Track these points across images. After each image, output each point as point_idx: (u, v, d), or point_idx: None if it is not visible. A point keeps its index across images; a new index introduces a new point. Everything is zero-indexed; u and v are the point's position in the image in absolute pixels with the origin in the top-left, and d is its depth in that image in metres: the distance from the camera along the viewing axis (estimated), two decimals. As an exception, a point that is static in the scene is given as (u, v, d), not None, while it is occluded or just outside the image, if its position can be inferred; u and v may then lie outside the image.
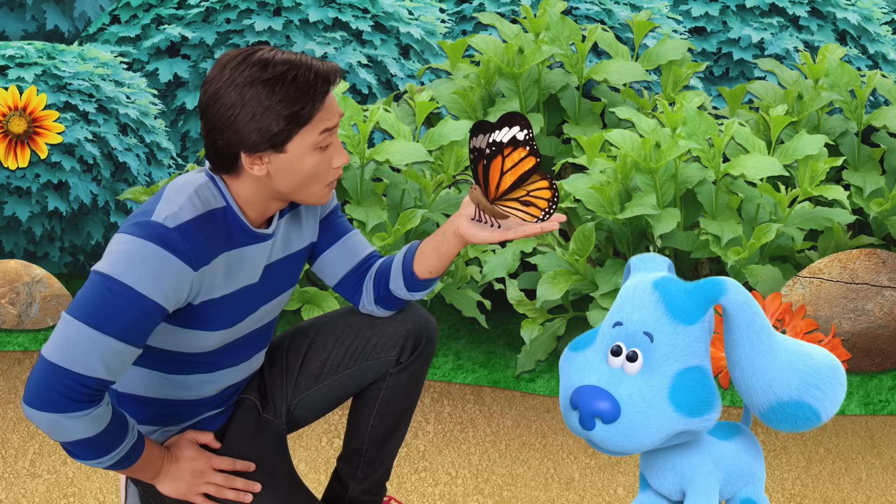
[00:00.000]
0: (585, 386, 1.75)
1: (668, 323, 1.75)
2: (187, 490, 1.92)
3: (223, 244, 1.82)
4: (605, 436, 1.73)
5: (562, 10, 3.90)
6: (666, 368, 1.74)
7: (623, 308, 1.79)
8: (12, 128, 3.61)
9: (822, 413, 1.75)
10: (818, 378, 1.75)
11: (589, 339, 1.83)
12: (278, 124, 1.75)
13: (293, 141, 1.77)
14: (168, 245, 1.73)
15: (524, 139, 1.85)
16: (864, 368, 3.27)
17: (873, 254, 3.33)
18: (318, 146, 1.78)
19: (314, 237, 2.03)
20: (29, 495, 2.61)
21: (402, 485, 2.69)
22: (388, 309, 2.07)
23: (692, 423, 1.75)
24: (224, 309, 1.86)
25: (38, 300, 3.51)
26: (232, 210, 1.83)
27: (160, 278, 1.73)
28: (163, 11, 4.23)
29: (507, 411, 3.08)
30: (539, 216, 1.87)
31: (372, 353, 2.08)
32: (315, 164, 1.79)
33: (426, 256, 1.98)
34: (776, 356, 1.74)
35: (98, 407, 1.74)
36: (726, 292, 1.74)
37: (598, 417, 1.72)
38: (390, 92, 4.20)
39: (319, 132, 1.78)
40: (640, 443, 1.74)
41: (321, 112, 1.77)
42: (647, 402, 1.73)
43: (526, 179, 1.87)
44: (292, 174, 1.79)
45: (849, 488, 2.72)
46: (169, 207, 1.76)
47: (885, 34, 4.93)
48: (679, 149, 3.22)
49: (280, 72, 1.74)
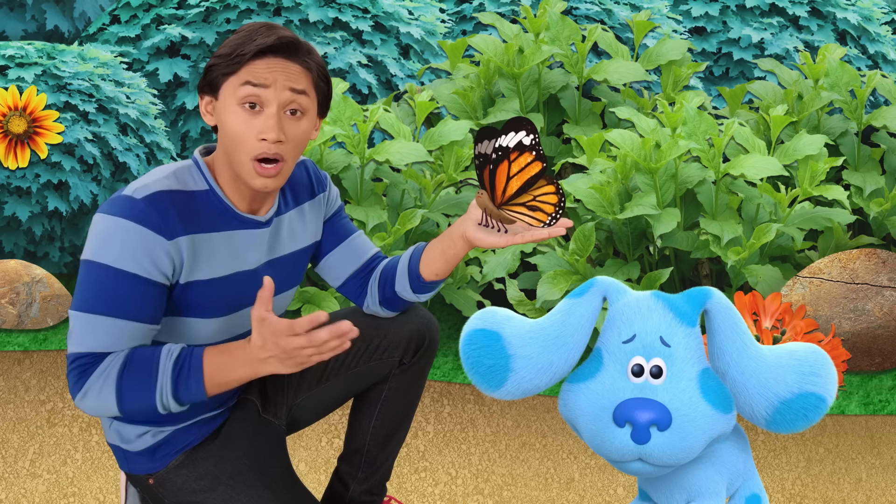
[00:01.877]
0: (629, 400, 1.72)
1: (678, 326, 1.77)
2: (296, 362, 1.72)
3: (205, 224, 1.82)
4: (661, 445, 1.71)
5: (562, 10, 3.90)
6: (689, 371, 1.75)
7: (632, 322, 1.78)
8: (12, 128, 3.61)
9: (827, 396, 1.77)
10: (810, 365, 1.76)
11: (593, 368, 1.79)
12: (215, 61, 1.81)
13: (223, 88, 1.80)
14: (134, 216, 1.75)
15: (530, 144, 1.86)
16: (864, 368, 3.27)
17: (873, 254, 3.33)
18: (242, 101, 1.79)
19: (318, 236, 2.03)
20: (29, 495, 2.61)
21: (402, 485, 2.69)
22: (392, 310, 2.07)
23: (725, 420, 1.76)
24: (214, 293, 1.85)
25: (38, 300, 3.51)
26: (215, 193, 1.84)
27: (133, 250, 1.74)
28: (163, 11, 4.23)
29: (507, 411, 3.08)
30: (546, 221, 1.88)
31: (375, 355, 2.08)
32: (237, 121, 1.80)
33: (433, 259, 1.98)
34: (764, 358, 1.76)
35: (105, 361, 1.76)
36: (712, 296, 1.77)
37: (653, 426, 1.71)
38: (390, 92, 4.20)
39: (241, 82, 1.79)
40: (692, 447, 1.73)
41: (251, 66, 1.79)
42: (687, 404, 1.73)
43: (532, 184, 1.87)
44: (223, 128, 1.81)
45: (849, 488, 2.72)
46: (142, 181, 1.80)
47: (885, 34, 4.93)
48: (679, 149, 3.22)
49: (249, 25, 1.83)
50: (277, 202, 1.92)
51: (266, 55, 1.79)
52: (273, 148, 1.80)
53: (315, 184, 2.02)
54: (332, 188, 2.06)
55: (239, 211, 1.86)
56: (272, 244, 1.92)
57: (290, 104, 1.81)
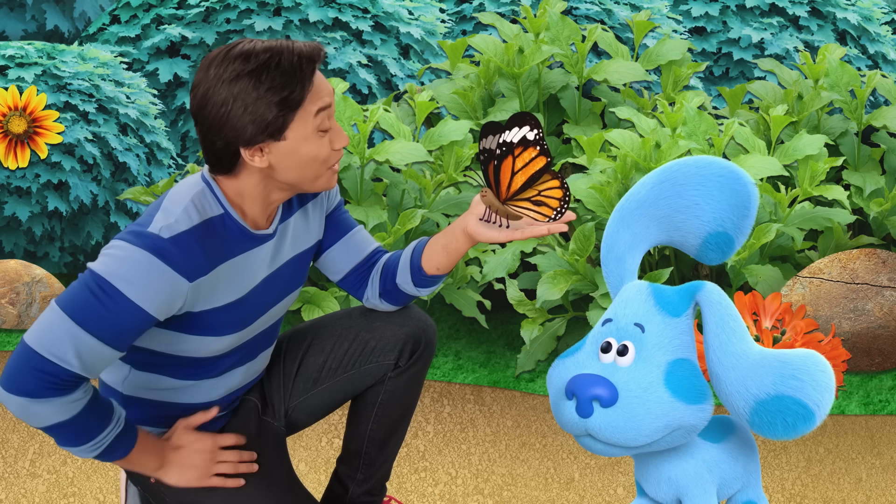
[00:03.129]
0: (580, 374, 1.76)
1: (657, 314, 1.79)
2: (199, 475, 1.90)
3: (223, 253, 1.81)
4: (603, 422, 1.73)
5: (562, 10, 3.90)
6: (658, 358, 1.77)
7: (615, 306, 1.83)
8: (12, 128, 3.61)
9: (810, 403, 1.69)
10: (792, 368, 1.71)
11: (576, 347, 1.85)
12: (272, 112, 1.74)
13: (291, 127, 1.76)
14: (163, 256, 1.72)
15: (534, 139, 1.85)
16: (864, 368, 3.27)
17: (873, 254, 3.33)
18: (318, 129, 1.78)
19: (320, 234, 2.02)
20: (29, 495, 2.61)
21: (402, 485, 2.69)
22: (392, 304, 2.06)
23: (689, 411, 1.75)
24: (233, 315, 1.85)
25: (38, 300, 3.51)
26: (230, 216, 1.81)
27: (151, 288, 1.72)
28: (163, 11, 4.23)
29: (507, 411, 3.08)
30: (551, 216, 1.88)
31: (370, 357, 2.07)
32: (315, 147, 1.78)
33: (435, 253, 1.98)
34: (746, 356, 1.74)
35: (69, 395, 1.73)
36: (703, 289, 1.79)
37: (595, 402, 1.72)
38: (390, 92, 4.20)
39: (315, 114, 1.77)
40: (640, 430, 1.73)
41: (311, 93, 1.76)
42: (643, 387, 1.74)
43: (537, 179, 1.87)
44: (295, 161, 1.78)
45: (849, 488, 2.72)
46: (166, 219, 1.76)
47: (885, 34, 4.93)
48: (679, 149, 3.22)
49: (263, 60, 1.74)
50: (281, 209, 1.91)
51: (313, 74, 1.78)
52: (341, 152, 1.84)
53: None
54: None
55: (251, 230, 1.85)
56: (276, 252, 1.92)
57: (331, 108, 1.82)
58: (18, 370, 1.71)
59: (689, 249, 1.92)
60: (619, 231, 1.88)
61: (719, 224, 1.87)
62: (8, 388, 1.72)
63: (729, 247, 1.89)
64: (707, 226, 1.87)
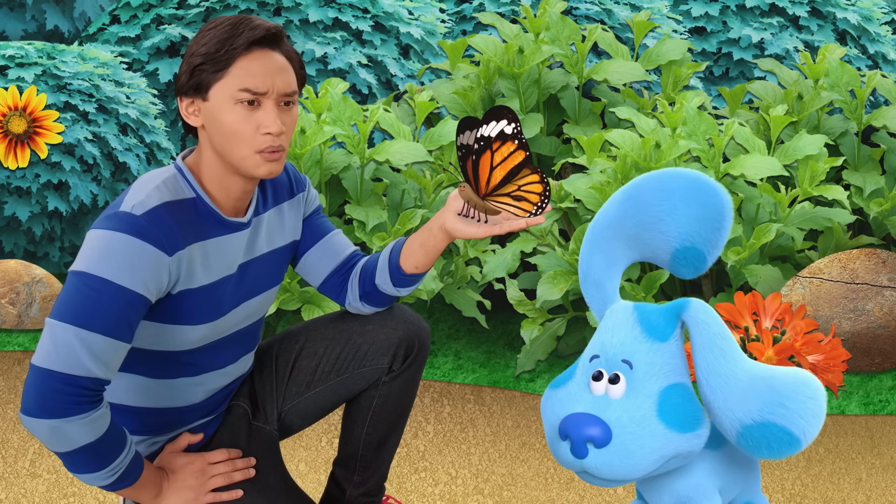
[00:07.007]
0: (573, 414, 1.72)
1: (644, 341, 1.75)
2: (196, 494, 1.91)
3: (197, 233, 1.81)
4: (599, 462, 1.70)
5: (562, 10, 3.90)
6: (650, 387, 1.73)
7: (601, 336, 1.78)
8: (12, 128, 3.61)
9: (796, 431, 1.66)
10: (780, 396, 1.67)
11: (567, 375, 1.81)
12: (197, 62, 1.78)
13: (214, 87, 1.78)
14: (139, 233, 1.73)
15: (512, 133, 1.82)
16: (864, 368, 3.27)
17: (873, 254, 3.33)
18: (238, 100, 1.78)
19: (297, 235, 2.02)
20: (29, 495, 2.61)
21: (402, 485, 2.69)
22: (374, 305, 2.05)
23: (684, 439, 1.72)
24: (204, 300, 1.85)
25: (38, 300, 3.51)
26: (202, 200, 1.82)
27: (136, 267, 1.72)
28: (163, 11, 4.23)
29: (507, 411, 3.08)
30: (532, 210, 1.85)
31: (363, 361, 2.06)
32: (235, 119, 1.78)
33: (412, 252, 1.97)
34: (734, 378, 1.70)
35: (98, 409, 1.73)
36: (688, 308, 1.73)
37: (589, 443, 1.71)
38: (390, 92, 4.20)
39: (239, 87, 1.77)
40: (636, 465, 1.71)
41: (242, 63, 1.77)
42: (636, 421, 1.70)
43: (516, 174, 1.84)
44: (218, 128, 1.79)
45: (849, 488, 2.72)
46: (136, 197, 1.77)
47: (885, 34, 4.93)
48: (679, 149, 3.22)
49: (216, 22, 1.80)
50: (256, 202, 1.91)
51: (254, 48, 1.78)
52: (277, 140, 1.80)
53: (294, 183, 2.02)
54: (311, 189, 2.05)
55: (224, 216, 1.85)
56: (250, 245, 1.92)
57: (284, 96, 1.81)
58: (41, 393, 1.69)
59: (663, 265, 1.86)
60: (592, 255, 1.83)
61: (686, 239, 1.80)
62: (32, 412, 1.70)
63: (700, 262, 1.81)
64: (673, 241, 1.80)
